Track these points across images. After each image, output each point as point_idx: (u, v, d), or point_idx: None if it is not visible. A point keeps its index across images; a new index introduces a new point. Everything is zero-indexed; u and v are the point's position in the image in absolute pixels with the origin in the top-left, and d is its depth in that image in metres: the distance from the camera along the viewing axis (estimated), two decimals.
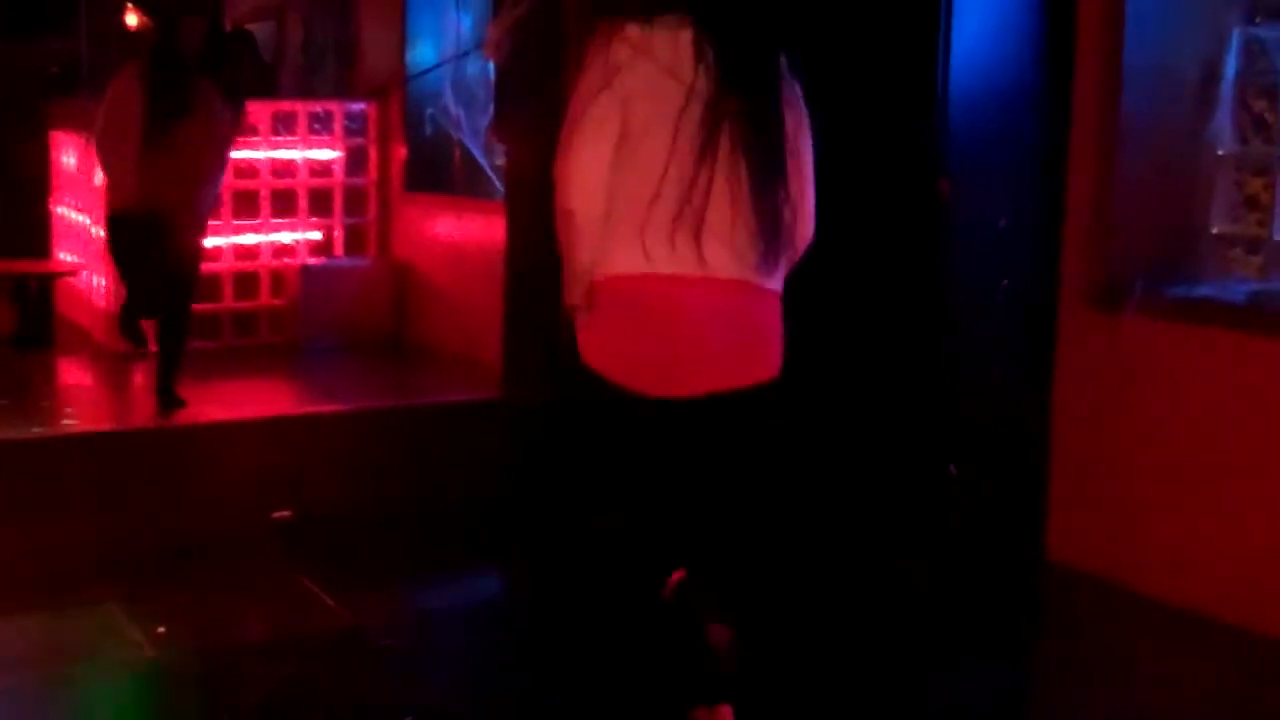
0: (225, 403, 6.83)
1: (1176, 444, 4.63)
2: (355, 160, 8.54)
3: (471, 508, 5.64)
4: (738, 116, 2.93)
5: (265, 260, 8.26)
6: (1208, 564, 4.51)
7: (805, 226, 3.12)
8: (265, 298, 8.27)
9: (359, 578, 4.98)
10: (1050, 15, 4.84)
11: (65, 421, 6.36)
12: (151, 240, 6.23)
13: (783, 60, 3.08)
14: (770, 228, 2.95)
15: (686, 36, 2.95)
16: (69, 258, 8.71)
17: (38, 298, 8.69)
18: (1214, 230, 4.93)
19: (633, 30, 2.97)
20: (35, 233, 8.75)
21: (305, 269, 8.23)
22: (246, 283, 8.22)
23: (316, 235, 8.41)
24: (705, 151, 2.90)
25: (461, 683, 4.12)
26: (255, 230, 8.19)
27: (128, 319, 6.60)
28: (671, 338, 2.93)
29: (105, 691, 4.18)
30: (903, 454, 5.00)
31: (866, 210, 5.03)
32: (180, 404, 6.32)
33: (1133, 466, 4.76)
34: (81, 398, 6.36)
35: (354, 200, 8.55)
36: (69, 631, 4.46)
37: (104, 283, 7.77)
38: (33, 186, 8.86)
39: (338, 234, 8.50)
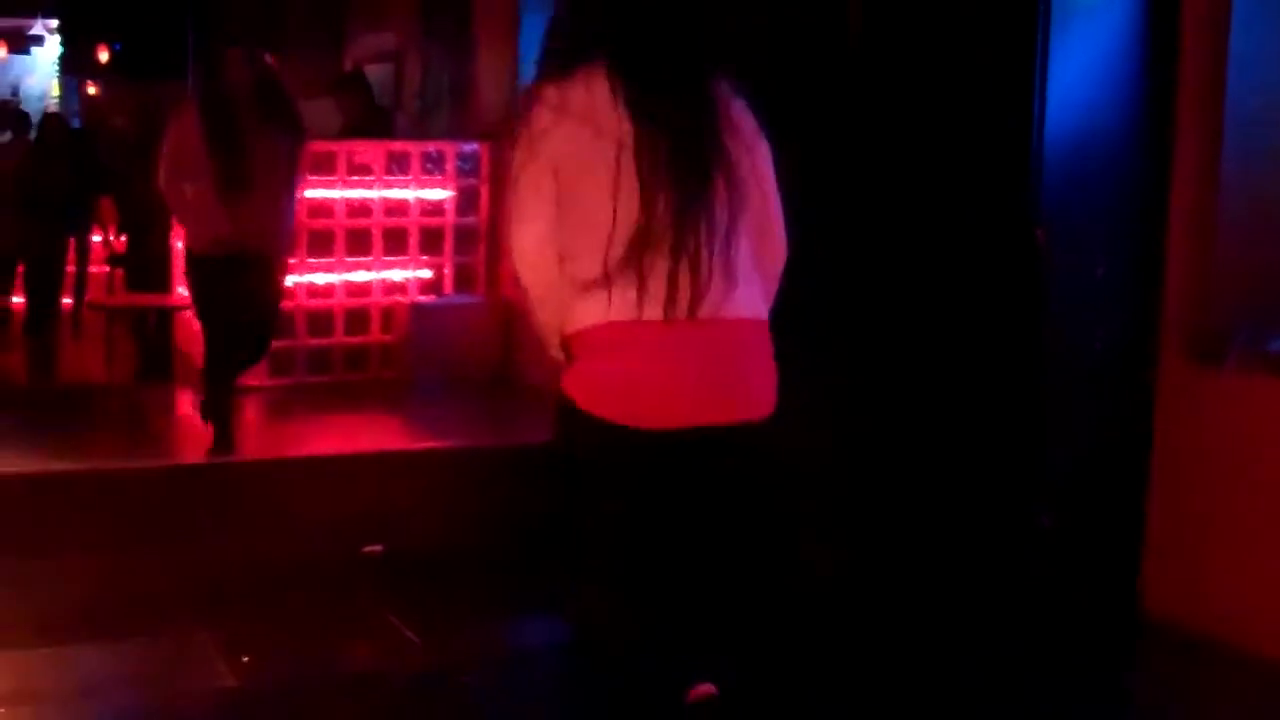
0: (332, 436, 6.96)
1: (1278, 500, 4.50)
2: (466, 200, 8.63)
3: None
4: (666, 155, 2.82)
5: (376, 297, 8.38)
6: None
7: (773, 250, 3.02)
8: (376, 334, 8.38)
9: (447, 615, 5.00)
10: (1151, 60, 4.74)
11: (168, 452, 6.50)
12: (235, 281, 6.20)
13: (718, 82, 2.95)
14: (725, 262, 2.86)
15: (600, 83, 2.86)
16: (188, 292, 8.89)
17: (157, 331, 8.90)
18: None
19: (549, 91, 2.88)
20: (157, 267, 8.94)
21: (415, 306, 8.34)
22: (358, 319, 8.34)
23: (427, 273, 8.51)
24: (645, 197, 2.81)
25: None
26: (367, 268, 8.32)
27: (214, 383, 6.36)
28: (647, 369, 2.82)
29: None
30: (995, 504, 4.92)
31: (962, 258, 4.98)
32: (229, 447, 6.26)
33: (1232, 522, 4.63)
34: (189, 430, 6.49)
35: (464, 239, 8.64)
36: (155, 658, 4.53)
37: None
38: (155, 221, 9.05)
39: (448, 272, 8.59)
